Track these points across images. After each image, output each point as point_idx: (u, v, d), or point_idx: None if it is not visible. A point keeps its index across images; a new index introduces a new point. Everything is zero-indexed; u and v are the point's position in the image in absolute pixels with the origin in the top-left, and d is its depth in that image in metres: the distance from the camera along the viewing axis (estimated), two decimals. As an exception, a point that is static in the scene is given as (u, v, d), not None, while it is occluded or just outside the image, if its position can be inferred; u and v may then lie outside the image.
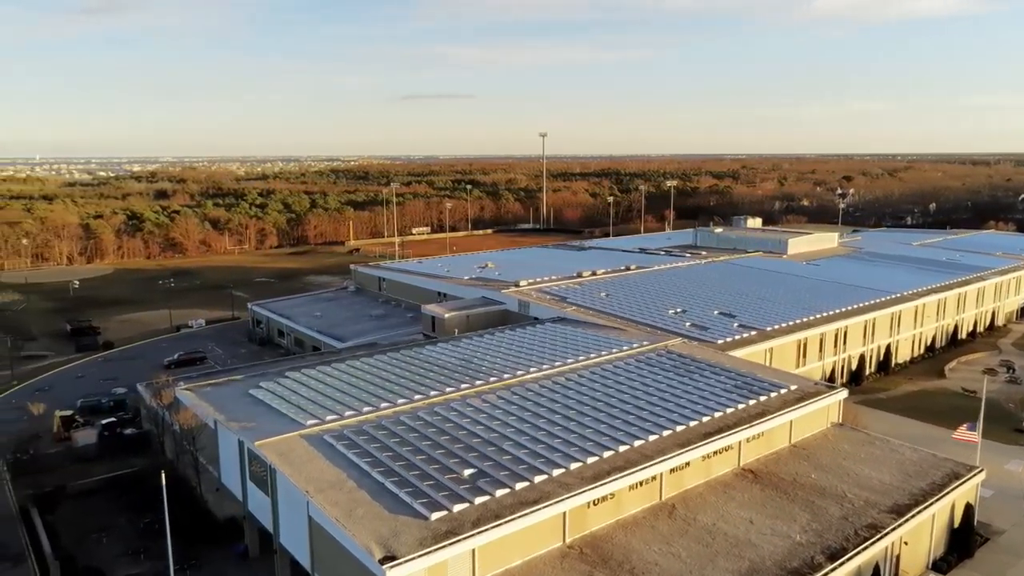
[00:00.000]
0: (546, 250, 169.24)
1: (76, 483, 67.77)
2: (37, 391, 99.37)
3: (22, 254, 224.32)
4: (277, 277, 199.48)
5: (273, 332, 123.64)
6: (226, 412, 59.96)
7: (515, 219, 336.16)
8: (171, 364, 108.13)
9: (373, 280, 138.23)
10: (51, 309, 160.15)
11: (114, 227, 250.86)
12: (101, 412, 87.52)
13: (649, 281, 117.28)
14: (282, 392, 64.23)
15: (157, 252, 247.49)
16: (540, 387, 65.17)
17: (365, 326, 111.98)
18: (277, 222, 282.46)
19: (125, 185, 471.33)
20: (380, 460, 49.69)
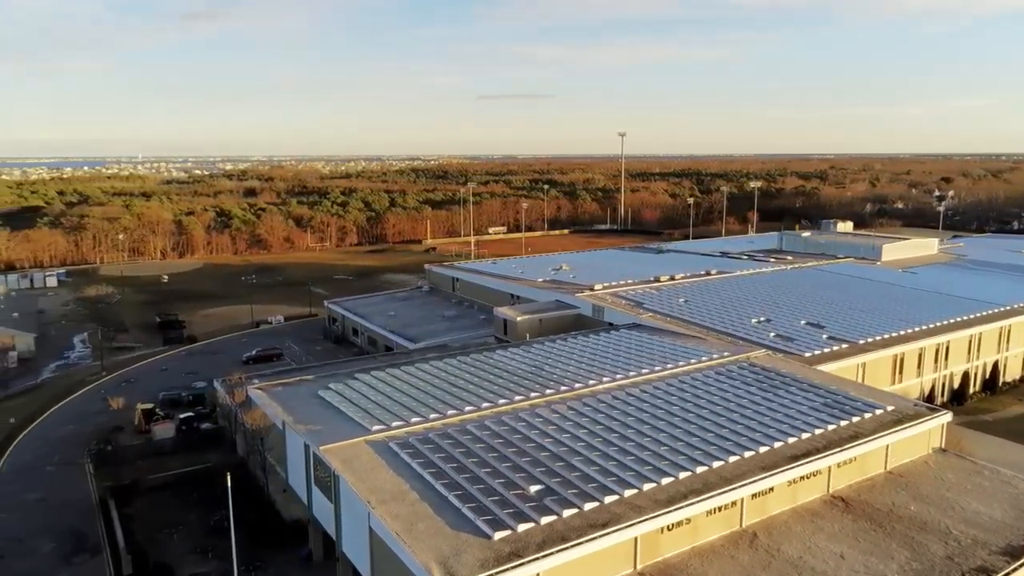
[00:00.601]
0: (623, 252, 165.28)
1: (152, 476, 69.23)
2: (124, 382, 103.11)
3: (120, 248, 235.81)
4: (355, 275, 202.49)
5: (348, 330, 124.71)
6: (294, 414, 59.69)
7: (592, 219, 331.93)
8: (249, 360, 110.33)
9: (447, 280, 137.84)
10: (143, 302, 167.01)
11: (204, 224, 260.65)
12: (181, 406, 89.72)
13: (731, 287, 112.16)
14: (350, 395, 63.60)
15: (243, 248, 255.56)
16: (613, 398, 62.32)
17: (437, 327, 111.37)
18: (357, 220, 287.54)
19: (217, 183, 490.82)
20: (444, 471, 48.04)
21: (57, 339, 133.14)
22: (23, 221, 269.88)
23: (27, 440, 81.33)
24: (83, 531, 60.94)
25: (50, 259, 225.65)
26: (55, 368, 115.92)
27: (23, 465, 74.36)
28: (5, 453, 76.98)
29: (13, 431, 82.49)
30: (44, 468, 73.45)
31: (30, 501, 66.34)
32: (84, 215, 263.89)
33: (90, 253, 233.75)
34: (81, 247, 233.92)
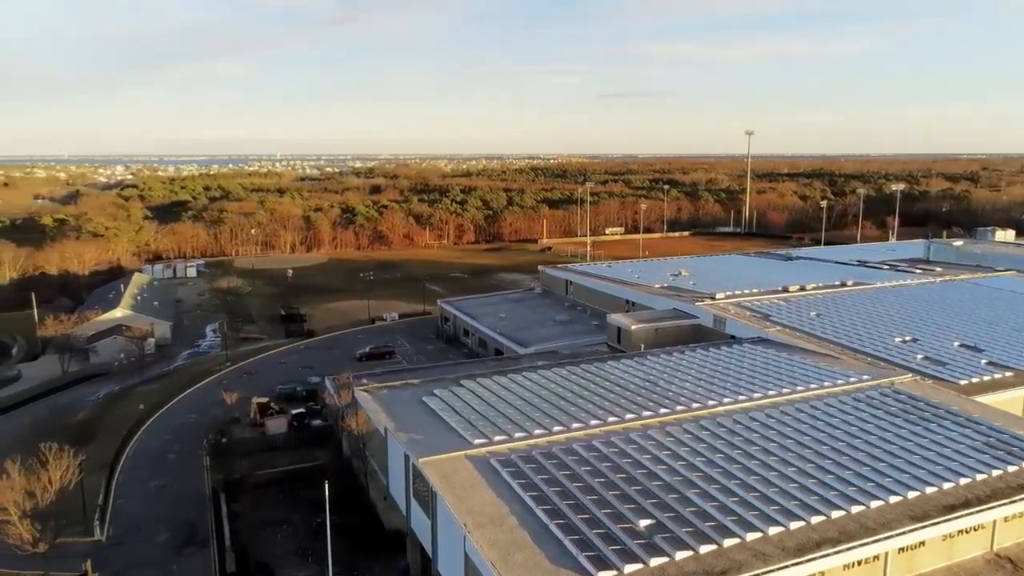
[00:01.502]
0: (747, 258, 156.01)
1: (262, 472, 70.28)
2: (245, 374, 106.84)
3: (253, 242, 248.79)
4: (470, 273, 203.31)
5: (459, 330, 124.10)
6: (397, 420, 58.32)
7: (714, 221, 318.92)
8: (362, 357, 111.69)
9: (560, 283, 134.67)
10: (271, 294, 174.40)
11: (331, 220, 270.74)
12: (295, 401, 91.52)
13: (870, 301, 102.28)
14: (454, 402, 61.62)
15: (366, 244, 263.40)
16: (735, 422, 56.90)
17: (549, 331, 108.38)
18: (475, 218, 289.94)
19: (346, 180, 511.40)
20: (546, 496, 44.80)
21: (191, 328, 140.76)
22: (171, 215, 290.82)
23: (153, 427, 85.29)
24: (196, 522, 62.38)
25: (192, 250, 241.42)
26: (187, 356, 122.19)
27: (148, 452, 77.76)
28: (133, 439, 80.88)
29: (142, 417, 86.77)
30: (166, 456, 76.47)
31: (151, 488, 68.94)
32: (223, 210, 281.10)
33: (227, 246, 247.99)
34: (219, 240, 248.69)
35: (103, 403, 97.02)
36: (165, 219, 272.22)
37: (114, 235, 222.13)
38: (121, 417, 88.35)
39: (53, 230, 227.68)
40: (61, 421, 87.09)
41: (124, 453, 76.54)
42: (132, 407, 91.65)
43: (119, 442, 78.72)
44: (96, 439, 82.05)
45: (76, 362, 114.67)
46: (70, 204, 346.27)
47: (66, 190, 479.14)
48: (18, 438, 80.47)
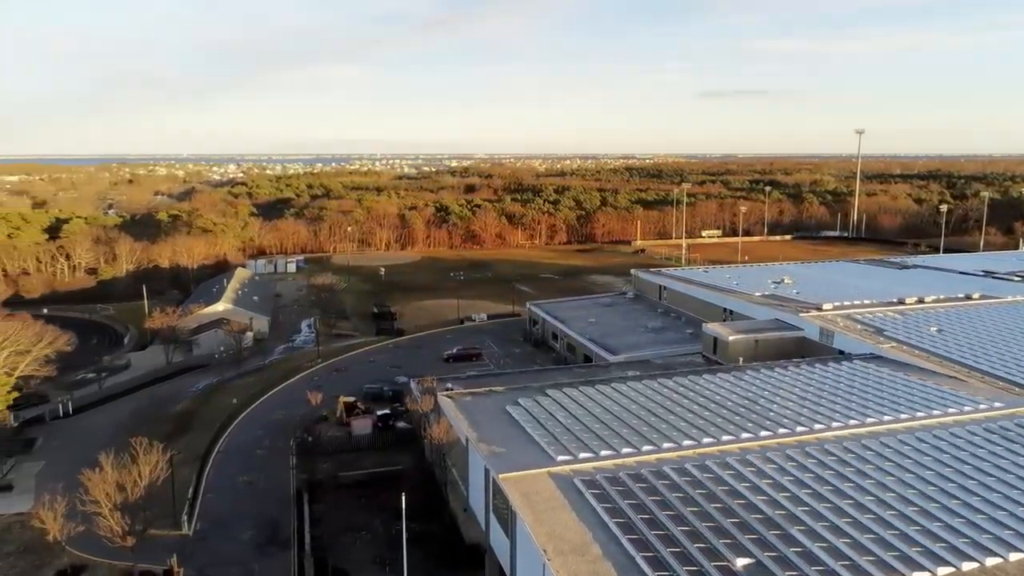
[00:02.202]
0: (857, 265, 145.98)
1: (346, 473, 69.99)
2: (335, 371, 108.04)
3: (350, 239, 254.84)
4: (561, 274, 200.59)
5: (547, 334, 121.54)
6: (479, 430, 56.37)
7: (819, 225, 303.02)
8: (449, 358, 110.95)
9: (653, 287, 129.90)
10: (365, 291, 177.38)
11: (425, 218, 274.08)
12: (382, 400, 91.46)
13: (1000, 316, 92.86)
14: (539, 413, 59.13)
15: (459, 243, 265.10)
16: (845, 450, 51.75)
17: (640, 339, 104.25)
18: (567, 218, 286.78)
19: (441, 179, 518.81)
20: (634, 523, 41.58)
21: (288, 322, 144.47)
22: (275, 212, 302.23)
23: (245, 422, 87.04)
24: (279, 521, 62.55)
25: (293, 247, 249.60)
26: (282, 350, 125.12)
27: (239, 446, 79.21)
28: (225, 433, 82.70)
29: (235, 411, 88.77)
30: (255, 452, 77.62)
31: (239, 484, 69.90)
32: (323, 208, 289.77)
33: (326, 242, 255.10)
34: (319, 237, 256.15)
35: (201, 395, 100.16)
36: (269, 216, 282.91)
37: (221, 231, 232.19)
38: (216, 410, 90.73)
39: (167, 225, 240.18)
40: (160, 411, 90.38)
41: (216, 447, 78.20)
42: (227, 400, 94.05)
43: (212, 435, 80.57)
44: (192, 431, 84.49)
45: (180, 353, 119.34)
46: (185, 201, 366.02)
47: (183, 187, 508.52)
48: (120, 427, 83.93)
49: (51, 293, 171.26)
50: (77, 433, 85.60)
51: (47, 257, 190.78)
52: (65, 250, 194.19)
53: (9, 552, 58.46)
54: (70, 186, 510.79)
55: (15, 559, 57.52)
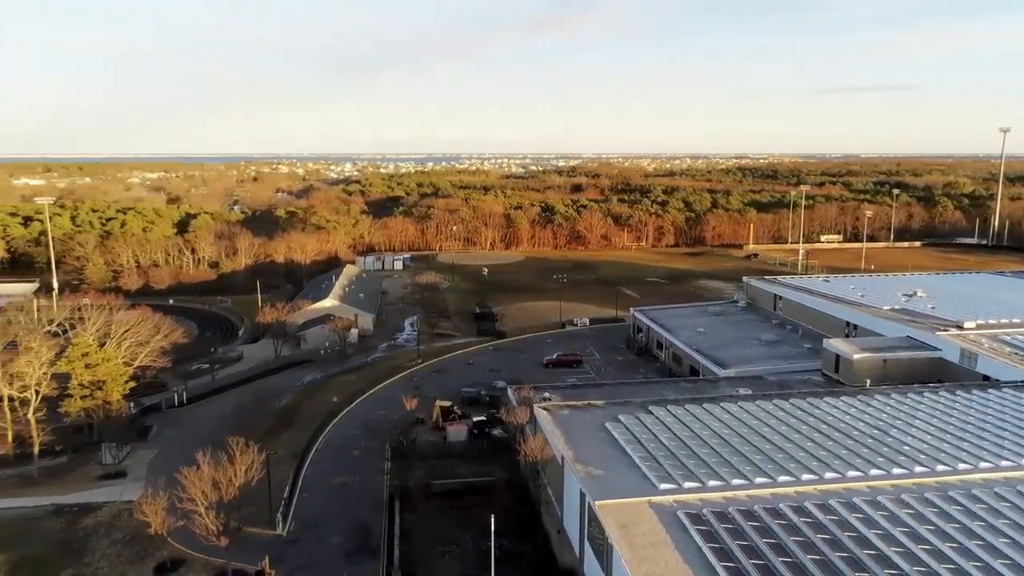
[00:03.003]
0: (1002, 278, 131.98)
1: (439, 481, 68.43)
2: (434, 372, 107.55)
3: (456, 238, 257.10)
4: (668, 278, 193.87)
5: (652, 342, 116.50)
6: (576, 448, 53.14)
7: (953, 231, 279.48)
8: (549, 363, 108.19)
9: (767, 296, 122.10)
10: (468, 290, 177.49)
11: (530, 218, 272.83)
12: (478, 405, 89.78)
13: None
14: (641, 433, 55.23)
15: (563, 243, 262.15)
16: (997, 496, 45.04)
17: (752, 352, 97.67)
18: (676, 220, 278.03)
19: (548, 179, 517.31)
20: (745, 570, 37.25)
21: (392, 320, 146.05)
22: (385, 210, 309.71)
23: (344, 420, 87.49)
24: (369, 527, 61.65)
25: (400, 244, 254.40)
26: (385, 348, 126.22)
27: (336, 446, 79.46)
28: (324, 431, 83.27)
29: (335, 409, 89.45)
30: (351, 452, 77.56)
31: (333, 485, 69.76)
32: (431, 206, 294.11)
33: (432, 241, 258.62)
34: (426, 235, 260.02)
35: (305, 390, 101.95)
36: (380, 214, 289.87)
37: (334, 228, 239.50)
38: (317, 406, 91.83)
39: (284, 222, 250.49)
40: (265, 406, 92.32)
41: (314, 445, 78.72)
42: (329, 397, 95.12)
43: (311, 433, 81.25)
44: (293, 427, 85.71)
45: (288, 347, 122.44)
46: (303, 198, 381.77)
47: (301, 185, 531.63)
48: (226, 419, 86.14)
49: (177, 285, 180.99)
50: (188, 423, 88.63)
51: (175, 250, 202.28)
52: (191, 244, 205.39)
53: (117, 540, 60.43)
54: (202, 183, 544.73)
55: (122, 547, 59.34)
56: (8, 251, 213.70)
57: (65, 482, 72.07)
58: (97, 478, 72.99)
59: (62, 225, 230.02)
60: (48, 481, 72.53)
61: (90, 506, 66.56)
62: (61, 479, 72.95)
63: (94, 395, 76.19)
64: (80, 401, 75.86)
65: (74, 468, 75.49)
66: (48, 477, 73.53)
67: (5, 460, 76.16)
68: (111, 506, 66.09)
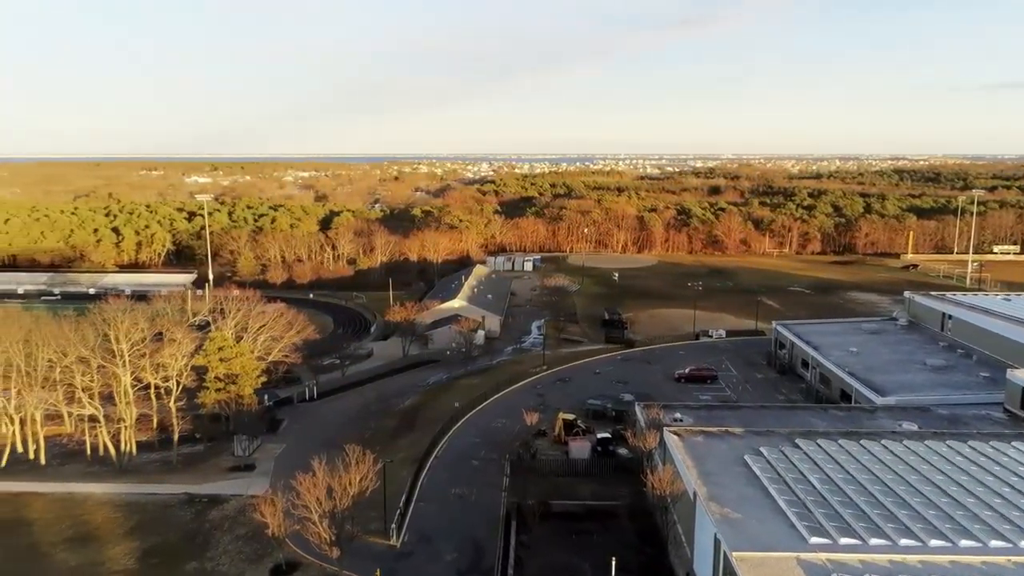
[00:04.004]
0: None
1: (558, 502, 64.60)
2: (558, 380, 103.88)
3: (587, 240, 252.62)
4: (813, 288, 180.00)
5: (796, 360, 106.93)
6: (711, 483, 47.64)
7: None
8: (681, 378, 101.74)
9: (934, 315, 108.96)
10: (597, 295, 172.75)
11: (664, 220, 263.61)
12: (604, 419, 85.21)
13: None
14: (786, 471, 48.81)
15: (699, 248, 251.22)
16: None
17: (916, 378, 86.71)
18: (823, 225, 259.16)
19: (684, 180, 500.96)
20: (919, 659, 30.76)
21: (519, 323, 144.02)
22: (518, 210, 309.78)
23: (465, 427, 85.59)
24: (483, 545, 58.90)
25: (531, 245, 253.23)
26: (511, 352, 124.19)
27: (455, 454, 77.56)
28: (445, 437, 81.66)
29: (457, 414, 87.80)
30: (471, 461, 75.32)
31: (450, 496, 67.70)
32: (563, 207, 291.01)
33: (563, 242, 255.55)
34: (557, 236, 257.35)
35: (429, 391, 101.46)
36: (512, 214, 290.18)
37: (466, 227, 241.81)
38: (440, 410, 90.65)
39: (419, 220, 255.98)
40: (389, 405, 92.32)
41: (434, 452, 77.20)
42: (452, 400, 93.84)
43: (432, 438, 79.85)
44: (415, 430, 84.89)
45: (416, 346, 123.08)
46: (439, 197, 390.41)
47: (439, 184, 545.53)
48: (352, 417, 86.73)
49: (317, 279, 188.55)
50: (316, 419, 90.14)
51: (317, 246, 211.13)
52: (332, 241, 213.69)
53: (239, 536, 61.21)
54: (347, 182, 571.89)
55: (243, 544, 59.98)
56: (174, 243, 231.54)
57: (199, 471, 74.66)
58: (228, 469, 75.12)
59: (220, 220, 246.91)
60: (184, 469, 75.48)
61: (218, 498, 68.24)
62: (196, 468, 75.68)
63: (228, 388, 78.61)
64: (215, 393, 78.51)
65: (208, 458, 78.26)
66: (185, 464, 76.58)
67: (150, 445, 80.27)
68: (237, 500, 67.36)
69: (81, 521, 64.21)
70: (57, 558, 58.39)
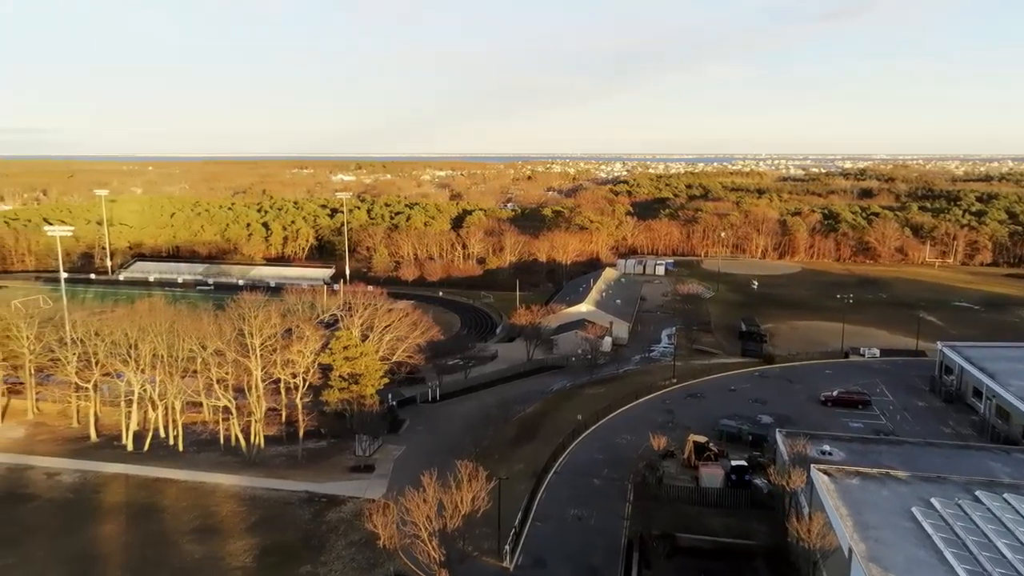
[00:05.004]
0: None
1: (686, 536, 59.06)
2: (689, 395, 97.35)
3: (723, 244, 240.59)
4: (983, 304, 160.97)
5: (966, 388, 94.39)
6: (870, 540, 40.91)
7: None
8: (828, 401, 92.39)
9: None
10: (733, 303, 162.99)
11: (809, 225, 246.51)
12: (738, 443, 78.29)
13: None
14: (967, 532, 41.14)
15: (847, 255, 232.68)
16: None
17: (1122, 419, 73.52)
18: (995, 233, 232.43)
19: (831, 182, 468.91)
20: None
21: (648, 330, 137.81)
22: (651, 211, 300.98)
23: (587, 441, 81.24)
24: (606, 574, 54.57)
25: (664, 248, 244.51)
26: (639, 361, 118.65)
27: (576, 470, 73.49)
28: (566, 451, 77.76)
29: (579, 428, 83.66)
30: (592, 480, 71.01)
31: (568, 517, 63.75)
32: (699, 209, 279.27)
33: (698, 246, 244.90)
34: (691, 239, 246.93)
35: (551, 399, 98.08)
36: (644, 215, 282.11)
37: (597, 228, 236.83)
38: (562, 421, 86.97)
39: (550, 220, 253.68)
40: (511, 412, 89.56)
41: (553, 467, 73.50)
42: (574, 411, 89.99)
43: (552, 451, 76.27)
44: (535, 440, 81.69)
45: (541, 351, 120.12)
46: (571, 197, 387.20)
47: (571, 184, 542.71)
48: (469, 424, 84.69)
49: (447, 278, 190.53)
50: (438, 422, 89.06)
51: (447, 245, 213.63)
52: (463, 239, 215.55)
53: (353, 542, 60.35)
54: (482, 180, 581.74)
55: (356, 550, 59.03)
56: (316, 239, 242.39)
57: (321, 468, 75.13)
58: (348, 469, 75.14)
59: (359, 217, 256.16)
60: (308, 464, 76.27)
61: (336, 499, 68.08)
62: (318, 464, 76.29)
63: (351, 388, 78.77)
64: (338, 392, 78.90)
65: (331, 455, 78.79)
66: (309, 460, 77.44)
67: (278, 439, 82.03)
68: (354, 503, 66.90)
69: (208, 512, 65.93)
70: (183, 548, 59.93)
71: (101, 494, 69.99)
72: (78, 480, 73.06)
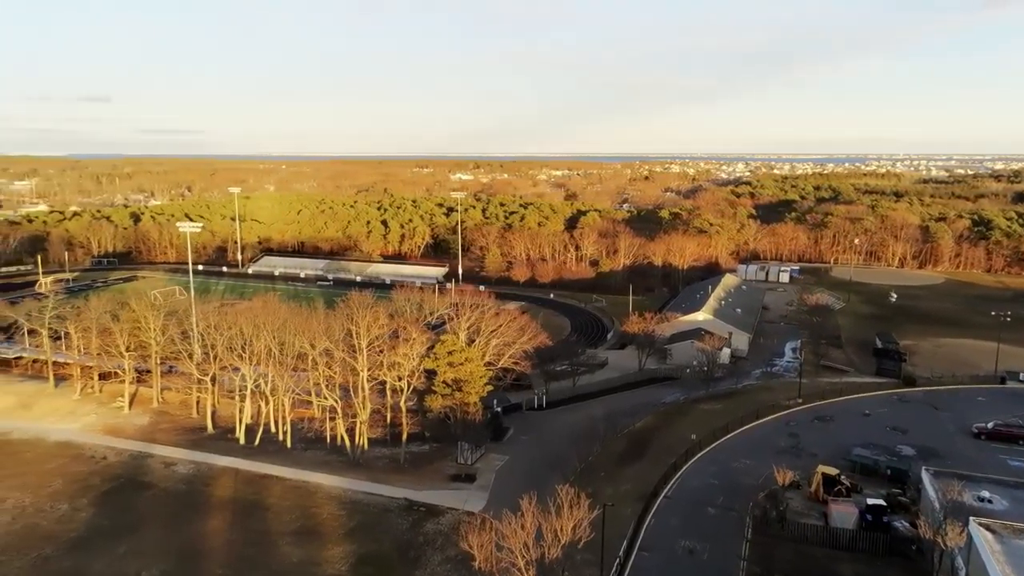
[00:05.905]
0: None
1: (809, 582, 52.85)
2: (816, 418, 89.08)
3: (856, 251, 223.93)
4: None
5: None
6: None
7: None
8: (982, 434, 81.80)
9: None
10: (866, 315, 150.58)
11: (955, 232, 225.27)
12: (875, 476, 70.25)
13: None
14: None
15: (1001, 266, 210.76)
16: None
17: None
18: None
19: (980, 184, 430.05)
20: None
21: (770, 343, 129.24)
22: (775, 214, 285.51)
23: (702, 463, 75.36)
24: (716, 621, 49.51)
25: (789, 253, 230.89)
26: (759, 375, 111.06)
27: (688, 495, 68.03)
28: (678, 473, 72.39)
29: (693, 448, 77.88)
30: (706, 508, 65.39)
31: (679, 548, 58.62)
32: (828, 213, 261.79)
33: (826, 252, 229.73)
34: (819, 244, 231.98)
35: (663, 413, 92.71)
36: (768, 218, 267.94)
37: (716, 232, 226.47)
38: (674, 438, 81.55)
39: (667, 223, 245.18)
40: (620, 425, 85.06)
41: (663, 490, 68.40)
42: (689, 427, 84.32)
43: (663, 472, 71.21)
44: (644, 458, 76.87)
45: (653, 360, 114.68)
46: (690, 199, 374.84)
47: (690, 185, 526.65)
48: (575, 436, 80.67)
49: (559, 280, 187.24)
50: (543, 432, 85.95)
51: (560, 246, 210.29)
52: (576, 240, 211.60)
53: (449, 557, 58.02)
54: (597, 181, 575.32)
55: (452, 568, 56.67)
56: (432, 237, 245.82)
57: (422, 474, 73.75)
58: (449, 477, 73.32)
59: (474, 216, 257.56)
60: (409, 469, 75.15)
61: (436, 509, 66.25)
62: (420, 470, 74.98)
63: (454, 395, 76.90)
64: (441, 399, 77.25)
65: (433, 460, 77.36)
66: (411, 464, 76.36)
67: (382, 441, 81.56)
68: (453, 515, 64.78)
69: (309, 514, 65.76)
70: (282, 550, 59.77)
71: (211, 487, 71.56)
72: (192, 471, 75.20)
